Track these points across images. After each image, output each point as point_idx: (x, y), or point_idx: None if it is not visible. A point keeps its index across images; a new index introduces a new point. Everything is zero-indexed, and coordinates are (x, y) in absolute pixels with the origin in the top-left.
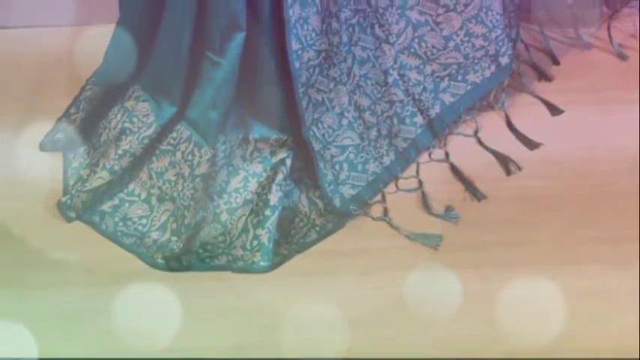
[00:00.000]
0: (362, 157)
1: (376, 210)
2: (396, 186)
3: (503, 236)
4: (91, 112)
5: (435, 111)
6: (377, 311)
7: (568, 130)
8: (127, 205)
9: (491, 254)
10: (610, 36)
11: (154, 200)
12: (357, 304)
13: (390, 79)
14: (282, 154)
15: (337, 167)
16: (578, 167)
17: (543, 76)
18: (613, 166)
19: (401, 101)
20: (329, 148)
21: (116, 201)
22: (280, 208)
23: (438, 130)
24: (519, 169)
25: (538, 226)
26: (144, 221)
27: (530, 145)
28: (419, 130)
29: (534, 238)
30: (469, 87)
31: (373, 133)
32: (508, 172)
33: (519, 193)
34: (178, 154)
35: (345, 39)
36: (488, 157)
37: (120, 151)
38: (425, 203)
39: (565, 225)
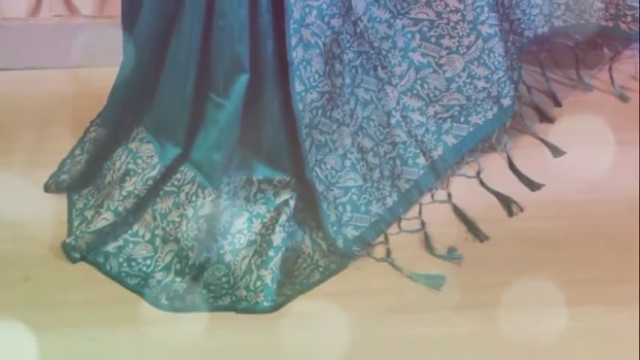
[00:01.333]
0: (365, 198)
1: (379, 251)
2: (399, 227)
3: (505, 277)
4: (96, 153)
5: (437, 152)
6: (379, 352)
7: (569, 171)
8: (131, 245)
9: (493, 295)
10: (611, 77)
11: (158, 241)
12: (359, 344)
13: (393, 121)
14: (285, 196)
15: (340, 208)
16: (579, 208)
17: (545, 118)
18: (614, 207)
19: (404, 143)
20: (332, 190)
21: (120, 242)
22: (283, 249)
23: (440, 171)
24: (521, 210)
25: (540, 266)
26: (148, 262)
27: (532, 186)
28: (421, 172)
29: (536, 278)
30: (471, 128)
31: (376, 174)
32: (510, 213)
33: (521, 234)
34: (182, 196)
35: (348, 81)
36: (490, 198)
37: (124, 193)
38: (427, 244)
39: (566, 266)
